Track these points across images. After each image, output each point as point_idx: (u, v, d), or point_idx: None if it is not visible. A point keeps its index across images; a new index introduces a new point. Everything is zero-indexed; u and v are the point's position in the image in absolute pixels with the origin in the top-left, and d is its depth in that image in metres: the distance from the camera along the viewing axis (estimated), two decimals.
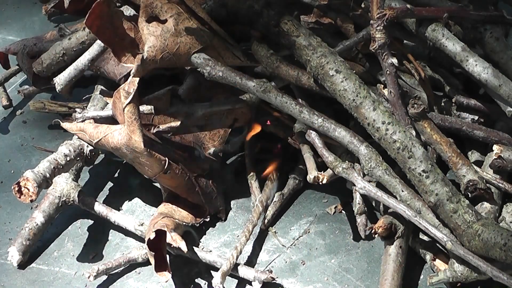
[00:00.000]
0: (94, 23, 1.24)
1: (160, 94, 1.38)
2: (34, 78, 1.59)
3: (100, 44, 1.42)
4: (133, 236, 1.37)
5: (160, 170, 1.29)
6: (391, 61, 1.23)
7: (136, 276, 1.31)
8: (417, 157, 1.14)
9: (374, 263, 1.29)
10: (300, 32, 1.28)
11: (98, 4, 1.22)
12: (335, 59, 1.23)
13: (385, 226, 1.19)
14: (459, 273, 1.13)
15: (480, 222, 1.10)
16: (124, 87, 1.27)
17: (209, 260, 1.29)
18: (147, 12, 1.28)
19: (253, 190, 1.40)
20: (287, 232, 1.37)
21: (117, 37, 1.28)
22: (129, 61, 1.30)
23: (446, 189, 1.12)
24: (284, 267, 1.30)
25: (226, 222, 1.40)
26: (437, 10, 1.29)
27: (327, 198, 1.42)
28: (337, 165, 1.23)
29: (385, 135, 1.17)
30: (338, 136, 1.22)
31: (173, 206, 1.35)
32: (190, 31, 1.29)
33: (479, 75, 1.24)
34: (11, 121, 1.69)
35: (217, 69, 1.27)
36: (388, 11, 1.22)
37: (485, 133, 1.31)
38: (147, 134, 1.33)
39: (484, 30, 1.30)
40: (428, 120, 1.25)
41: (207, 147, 1.41)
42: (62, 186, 1.37)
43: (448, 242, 1.10)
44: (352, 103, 1.20)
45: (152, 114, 1.39)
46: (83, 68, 1.46)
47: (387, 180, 1.18)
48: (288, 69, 1.32)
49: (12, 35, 1.94)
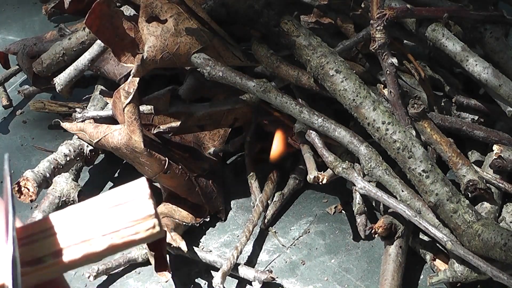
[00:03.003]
0: (94, 23, 1.24)
1: (160, 94, 1.38)
2: (34, 78, 1.59)
3: (100, 44, 1.42)
4: None
5: (160, 170, 1.29)
6: (391, 61, 1.23)
7: (136, 276, 1.31)
8: (417, 157, 1.14)
9: (374, 263, 1.29)
10: (300, 32, 1.28)
11: (98, 4, 1.22)
12: (335, 59, 1.23)
13: (385, 226, 1.19)
14: (459, 273, 1.13)
15: (480, 222, 1.10)
16: (124, 87, 1.27)
17: (209, 260, 1.29)
18: (147, 12, 1.28)
19: (253, 190, 1.40)
20: (287, 232, 1.37)
21: (117, 37, 1.28)
22: (129, 61, 1.30)
23: (446, 189, 1.12)
24: (284, 267, 1.30)
25: (226, 222, 1.40)
26: (437, 10, 1.29)
27: (327, 198, 1.42)
28: (337, 165, 1.23)
29: (385, 135, 1.17)
30: (338, 136, 1.22)
31: (173, 206, 1.35)
32: (190, 31, 1.29)
33: (479, 75, 1.24)
34: (11, 121, 1.69)
35: (217, 69, 1.27)
36: (388, 11, 1.22)
37: (485, 133, 1.31)
38: (147, 134, 1.33)
39: (484, 30, 1.30)
40: (428, 120, 1.25)
41: (207, 147, 1.41)
42: (62, 186, 1.37)
43: (448, 242, 1.10)
44: (352, 103, 1.20)
45: (152, 114, 1.39)
46: (83, 68, 1.46)
47: (387, 180, 1.18)
48: (288, 69, 1.32)
49: (12, 35, 1.94)
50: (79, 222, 0.54)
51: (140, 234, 0.53)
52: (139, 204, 0.55)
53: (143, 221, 0.54)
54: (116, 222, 0.54)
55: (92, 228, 0.54)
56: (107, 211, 0.55)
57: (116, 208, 0.55)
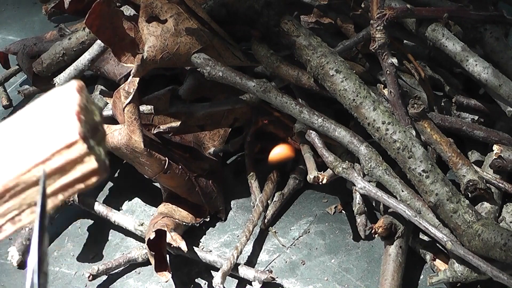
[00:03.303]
0: (94, 23, 1.24)
1: (160, 94, 1.38)
2: (34, 78, 1.59)
3: (100, 44, 1.42)
4: (133, 236, 1.37)
5: (160, 170, 1.29)
6: (391, 61, 1.23)
7: (136, 276, 1.31)
8: (417, 157, 1.14)
9: (374, 263, 1.29)
10: (300, 32, 1.28)
11: (98, 4, 1.22)
12: (335, 59, 1.23)
13: (385, 226, 1.19)
14: (459, 273, 1.13)
15: (480, 222, 1.10)
16: (124, 87, 1.27)
17: (209, 260, 1.29)
18: (147, 12, 1.28)
19: (253, 190, 1.39)
20: (287, 232, 1.37)
21: (117, 37, 1.28)
22: (129, 61, 1.30)
23: (446, 189, 1.12)
24: (284, 267, 1.30)
25: (226, 222, 1.40)
26: (437, 10, 1.29)
27: (327, 198, 1.42)
28: (337, 165, 1.22)
29: (385, 135, 1.17)
30: (338, 136, 1.22)
31: (173, 206, 1.35)
32: (190, 31, 1.29)
33: (479, 75, 1.24)
34: None
35: (217, 69, 1.27)
36: (388, 11, 1.22)
37: (485, 133, 1.31)
38: (147, 134, 1.33)
39: (484, 30, 1.30)
40: (428, 120, 1.25)
41: (207, 147, 1.41)
42: None
43: (448, 242, 1.10)
44: (352, 103, 1.20)
45: (152, 114, 1.39)
46: (83, 68, 1.46)
47: (387, 180, 1.18)
48: (288, 69, 1.32)
49: (12, 35, 1.94)
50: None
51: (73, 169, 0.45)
52: (62, 122, 0.45)
53: (68, 148, 0.45)
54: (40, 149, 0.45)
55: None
56: (27, 135, 0.46)
57: (38, 128, 0.46)
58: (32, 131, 0.47)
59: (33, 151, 0.46)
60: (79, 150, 0.46)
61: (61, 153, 0.46)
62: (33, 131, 0.47)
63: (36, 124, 0.47)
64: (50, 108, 0.47)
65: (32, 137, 0.46)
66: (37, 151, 0.46)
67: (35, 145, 0.46)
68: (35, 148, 0.46)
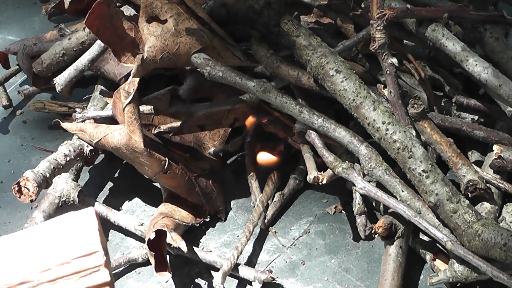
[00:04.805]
0: (94, 23, 1.24)
1: (160, 94, 1.38)
2: (34, 78, 1.59)
3: (100, 44, 1.42)
4: (133, 236, 1.37)
5: (160, 170, 1.29)
6: (391, 61, 1.23)
7: (136, 276, 1.31)
8: (417, 157, 1.14)
9: (374, 263, 1.29)
10: (300, 32, 1.28)
11: (98, 4, 1.22)
12: (335, 59, 1.23)
13: (385, 226, 1.19)
14: (459, 273, 1.13)
15: (480, 222, 1.10)
16: (124, 87, 1.27)
17: (209, 260, 1.29)
18: (147, 12, 1.28)
19: (253, 190, 1.39)
20: (287, 232, 1.37)
21: (117, 37, 1.28)
22: (129, 61, 1.30)
23: (446, 189, 1.12)
24: (284, 267, 1.30)
25: (226, 222, 1.40)
26: (437, 10, 1.29)
27: (327, 198, 1.42)
28: (337, 165, 1.23)
29: (385, 135, 1.17)
30: (338, 136, 1.22)
31: (173, 206, 1.35)
32: (190, 31, 1.29)
33: (479, 75, 1.24)
34: (11, 121, 1.69)
35: (217, 69, 1.27)
36: (388, 11, 1.22)
37: (485, 133, 1.31)
38: (147, 134, 1.33)
39: (484, 30, 1.30)
40: (428, 120, 1.25)
41: (207, 147, 1.41)
42: (62, 186, 1.37)
43: (448, 242, 1.10)
44: (352, 103, 1.20)
45: (152, 114, 1.39)
46: (83, 68, 1.46)
47: (387, 180, 1.18)
48: (288, 69, 1.32)
49: (12, 35, 1.94)
50: (21, 255, 0.50)
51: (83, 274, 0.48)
52: (86, 236, 0.50)
53: (88, 257, 0.49)
54: (59, 255, 0.50)
55: (33, 265, 0.49)
56: (50, 242, 0.50)
57: (59, 239, 0.50)
58: (55, 242, 0.51)
59: (56, 256, 0.50)
60: (98, 260, 0.50)
61: (80, 260, 0.50)
62: (56, 242, 0.51)
63: (58, 236, 0.51)
64: (73, 225, 0.51)
65: (55, 246, 0.51)
66: (59, 256, 0.50)
67: (57, 252, 0.50)
68: (57, 253, 0.50)
